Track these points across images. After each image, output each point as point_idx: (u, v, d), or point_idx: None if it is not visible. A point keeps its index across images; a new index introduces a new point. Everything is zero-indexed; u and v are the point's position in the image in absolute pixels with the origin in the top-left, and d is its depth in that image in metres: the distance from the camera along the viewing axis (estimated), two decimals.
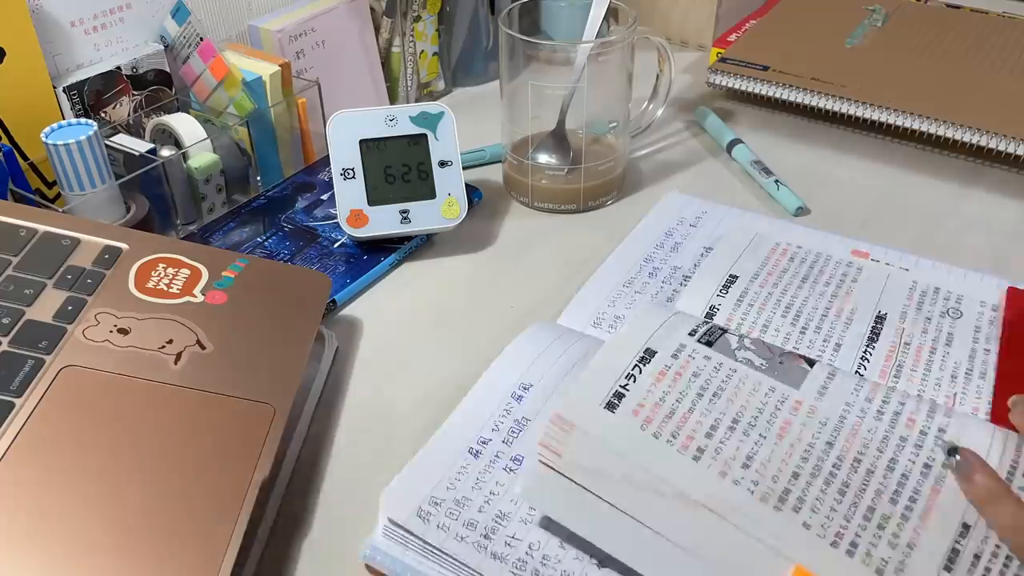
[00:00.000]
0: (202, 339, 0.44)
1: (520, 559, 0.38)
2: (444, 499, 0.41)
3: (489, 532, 0.39)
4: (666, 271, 0.58)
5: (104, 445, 0.38)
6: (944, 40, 0.80)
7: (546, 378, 0.47)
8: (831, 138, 0.74)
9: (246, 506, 0.37)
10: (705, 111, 0.76)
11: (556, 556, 0.38)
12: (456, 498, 0.41)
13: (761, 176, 0.67)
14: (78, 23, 0.62)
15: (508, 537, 0.39)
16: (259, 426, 0.41)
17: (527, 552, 0.38)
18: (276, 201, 0.65)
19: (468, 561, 0.38)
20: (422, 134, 0.60)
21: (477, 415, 0.45)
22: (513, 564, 0.38)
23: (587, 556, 0.38)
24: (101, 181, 0.55)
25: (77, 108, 0.62)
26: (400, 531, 0.39)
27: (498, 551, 0.38)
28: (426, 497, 0.41)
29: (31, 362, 0.41)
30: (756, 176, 0.68)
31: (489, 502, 0.41)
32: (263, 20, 0.70)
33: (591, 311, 0.55)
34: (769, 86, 0.75)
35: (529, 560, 0.38)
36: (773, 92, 0.75)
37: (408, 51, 0.78)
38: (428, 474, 0.42)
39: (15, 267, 0.45)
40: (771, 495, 0.37)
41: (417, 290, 0.58)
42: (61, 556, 0.34)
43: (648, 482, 0.37)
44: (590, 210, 0.66)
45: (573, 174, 0.65)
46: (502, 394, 0.46)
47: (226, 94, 0.65)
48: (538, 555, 0.38)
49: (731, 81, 0.77)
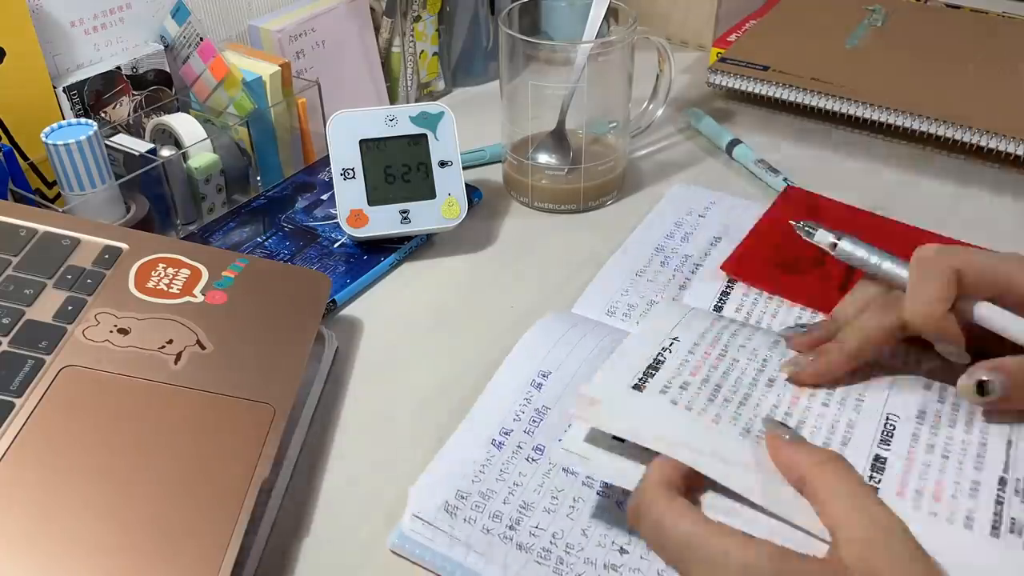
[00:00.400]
0: (202, 339, 0.44)
1: (545, 548, 0.39)
2: (470, 492, 0.41)
3: (514, 523, 0.40)
4: (677, 260, 0.58)
5: (104, 445, 0.38)
6: (944, 40, 0.80)
7: (565, 365, 0.47)
8: (830, 139, 0.74)
9: (246, 506, 0.37)
10: (698, 113, 0.76)
11: (579, 544, 0.39)
12: (481, 491, 0.41)
13: (769, 175, 0.67)
14: (78, 23, 0.62)
15: (532, 527, 0.40)
16: (259, 426, 0.41)
17: (551, 541, 0.39)
18: (276, 201, 0.65)
19: (495, 552, 0.39)
20: (422, 134, 0.60)
21: (498, 406, 0.46)
22: (538, 554, 0.39)
23: (609, 542, 0.39)
24: (101, 181, 0.55)
25: (77, 108, 0.62)
26: (428, 526, 0.40)
27: (523, 541, 0.39)
28: (453, 491, 0.41)
29: (31, 362, 0.41)
30: (763, 176, 0.68)
31: (513, 493, 0.41)
32: (263, 20, 0.70)
33: (605, 300, 0.55)
34: (769, 86, 0.75)
35: (553, 549, 0.39)
36: (773, 92, 0.75)
37: (408, 51, 0.78)
38: (453, 468, 0.43)
39: (15, 267, 0.45)
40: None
41: (417, 290, 0.58)
42: (61, 556, 0.34)
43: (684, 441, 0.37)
44: (590, 210, 0.66)
45: (573, 174, 0.65)
46: (522, 383, 0.47)
47: (226, 94, 0.65)
48: (561, 544, 0.39)
49: (731, 81, 0.77)
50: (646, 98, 0.71)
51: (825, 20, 0.84)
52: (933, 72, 0.75)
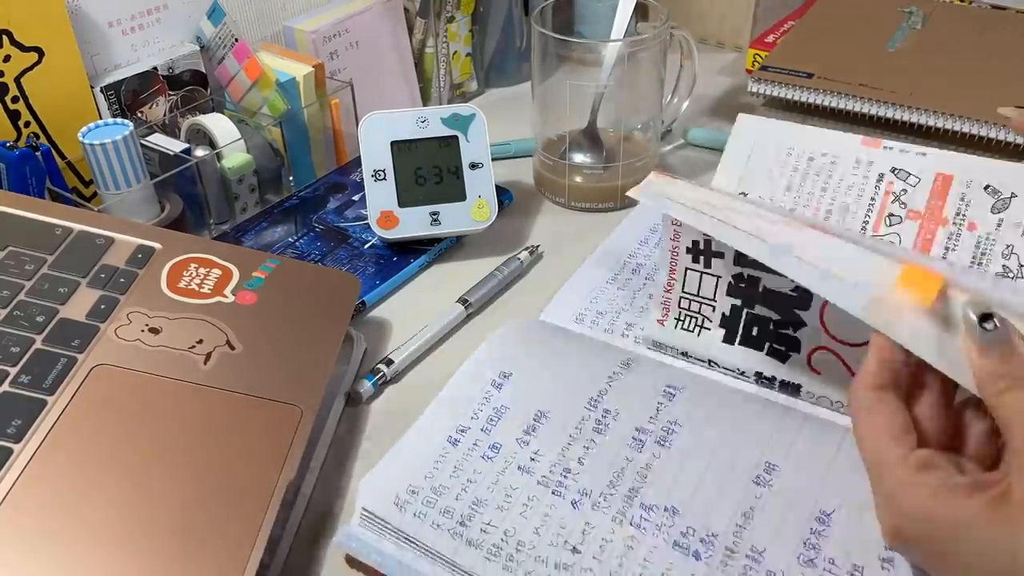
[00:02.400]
0: (231, 339, 0.45)
1: (495, 545, 0.39)
2: (422, 487, 0.41)
3: (465, 519, 0.40)
4: (649, 267, 0.58)
5: (133, 444, 0.39)
6: (988, 41, 0.78)
7: (525, 369, 0.47)
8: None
9: (272, 507, 0.38)
10: (691, 130, 0.75)
11: (531, 542, 0.39)
12: (433, 486, 0.41)
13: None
14: (116, 23, 0.63)
15: (484, 524, 0.39)
16: (286, 427, 0.41)
17: (502, 539, 0.39)
18: (308, 201, 0.65)
19: (443, 549, 0.39)
20: (453, 136, 0.60)
21: (456, 404, 0.46)
22: (487, 550, 0.38)
23: (562, 542, 0.38)
24: (136, 180, 0.56)
25: (114, 108, 0.62)
26: (377, 520, 0.40)
27: (473, 538, 0.39)
28: (404, 486, 0.41)
29: (64, 360, 0.41)
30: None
31: (466, 490, 0.41)
32: (297, 21, 0.71)
33: (573, 308, 0.55)
34: (815, 94, 0.73)
35: (504, 546, 0.39)
36: (820, 100, 0.73)
37: (441, 52, 0.78)
38: (407, 463, 0.43)
39: (50, 265, 0.46)
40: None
41: (447, 292, 0.58)
42: (87, 554, 0.35)
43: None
44: (627, 207, 0.66)
45: (609, 172, 0.65)
46: (482, 382, 0.47)
47: (260, 94, 0.65)
48: (512, 541, 0.39)
49: (775, 90, 0.75)
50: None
51: (863, 23, 0.83)
52: (979, 74, 0.73)
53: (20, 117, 0.58)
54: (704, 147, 0.74)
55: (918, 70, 0.74)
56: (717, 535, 0.38)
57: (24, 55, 0.56)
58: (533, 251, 0.60)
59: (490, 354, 0.49)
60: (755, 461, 0.41)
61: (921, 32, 0.81)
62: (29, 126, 0.58)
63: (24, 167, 0.54)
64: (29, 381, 0.40)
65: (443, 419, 0.45)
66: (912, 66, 0.75)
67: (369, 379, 0.50)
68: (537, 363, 0.48)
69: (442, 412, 0.46)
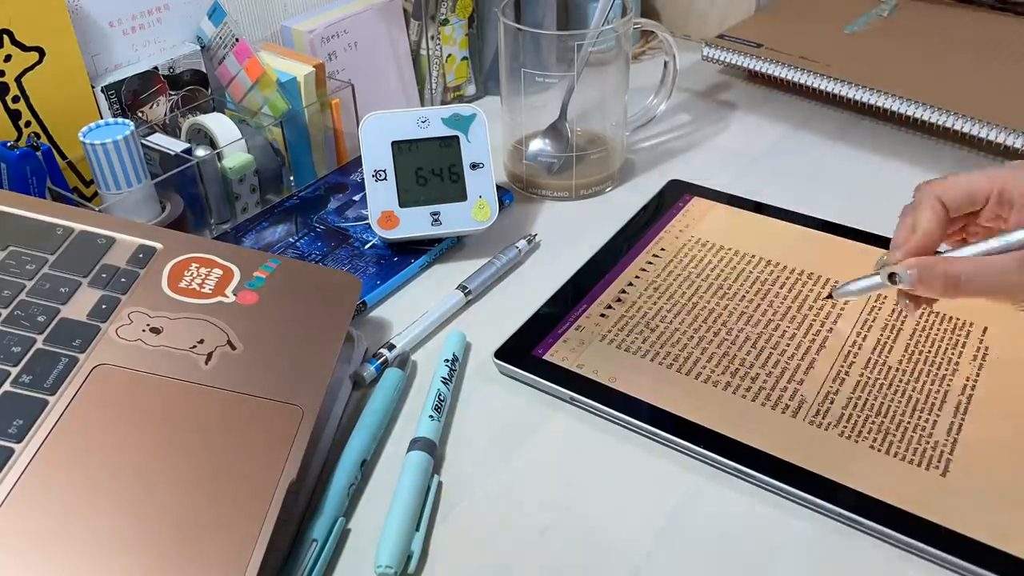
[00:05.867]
0: (233, 339, 0.45)
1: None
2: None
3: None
4: None
5: (134, 444, 0.39)
6: (950, 34, 0.80)
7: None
8: (826, 124, 0.76)
9: (273, 507, 0.38)
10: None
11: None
12: None
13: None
14: (116, 23, 0.63)
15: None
16: (288, 427, 0.41)
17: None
18: (309, 201, 0.65)
19: None
20: (454, 136, 0.60)
21: None
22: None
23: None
24: (137, 180, 0.56)
25: (115, 107, 0.62)
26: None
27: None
28: None
29: (65, 360, 0.41)
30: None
31: None
32: (295, 21, 0.71)
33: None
34: (758, 62, 0.78)
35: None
36: (762, 68, 0.78)
37: (434, 54, 0.77)
38: None
39: (51, 265, 0.46)
40: None
41: (447, 292, 0.58)
42: (89, 554, 0.35)
43: None
44: (583, 198, 0.67)
45: (566, 162, 0.67)
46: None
47: (261, 94, 0.65)
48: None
49: (724, 55, 0.80)
50: (646, 88, 0.72)
51: (835, 7, 0.86)
52: (925, 60, 0.75)
53: (21, 117, 0.58)
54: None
55: (865, 51, 0.78)
56: None
57: (25, 55, 0.56)
58: (531, 240, 0.61)
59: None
60: None
61: (885, 20, 0.84)
62: (30, 126, 0.58)
63: (25, 167, 0.54)
64: (30, 381, 0.40)
65: None
66: (861, 47, 0.79)
67: (372, 363, 0.50)
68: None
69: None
